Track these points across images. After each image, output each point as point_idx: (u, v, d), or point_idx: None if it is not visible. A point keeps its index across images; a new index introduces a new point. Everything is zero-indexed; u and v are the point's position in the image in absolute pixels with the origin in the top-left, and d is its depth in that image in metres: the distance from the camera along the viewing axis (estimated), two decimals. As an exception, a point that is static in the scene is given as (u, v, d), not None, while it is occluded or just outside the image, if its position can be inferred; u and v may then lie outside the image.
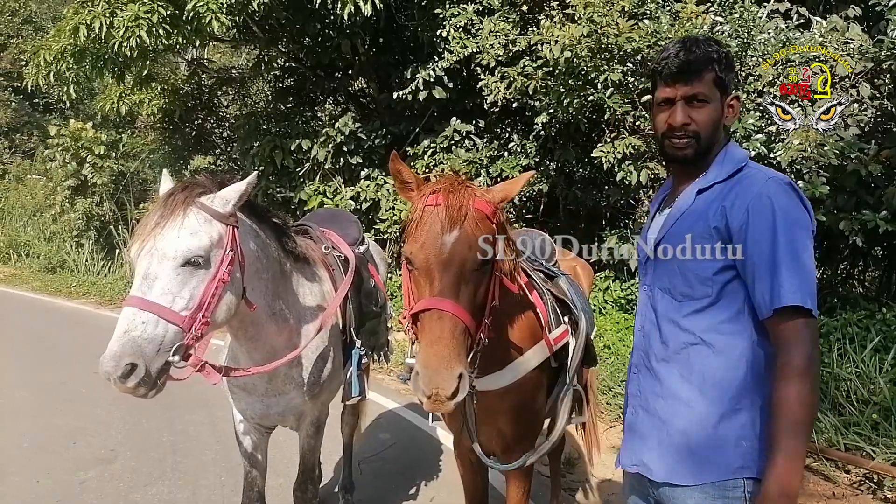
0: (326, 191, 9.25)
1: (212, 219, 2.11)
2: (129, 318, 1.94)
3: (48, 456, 4.67)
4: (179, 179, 2.21)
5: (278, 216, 2.57)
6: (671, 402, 1.64)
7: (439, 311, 1.70)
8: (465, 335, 1.72)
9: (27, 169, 17.56)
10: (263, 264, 2.36)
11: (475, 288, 1.81)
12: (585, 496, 4.15)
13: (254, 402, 2.63)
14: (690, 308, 1.62)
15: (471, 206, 1.83)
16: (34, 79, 9.24)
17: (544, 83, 7.01)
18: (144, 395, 1.96)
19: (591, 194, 8.26)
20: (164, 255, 2.00)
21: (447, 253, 1.76)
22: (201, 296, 2.04)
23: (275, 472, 4.08)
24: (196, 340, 2.04)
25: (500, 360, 2.26)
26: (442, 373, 1.62)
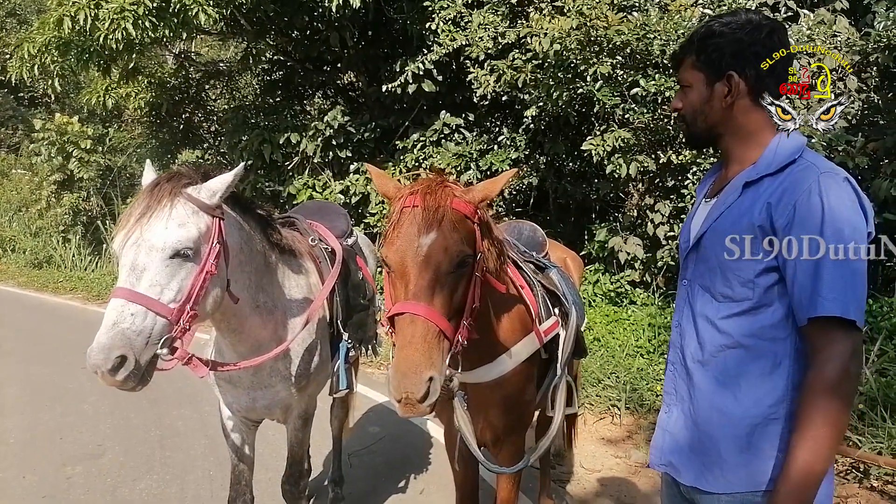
0: (316, 185, 9.21)
1: (199, 210, 2.09)
2: (117, 309, 1.91)
3: (35, 452, 4.64)
4: (164, 171, 2.18)
5: (263, 208, 2.54)
6: (705, 406, 1.56)
7: (412, 314, 1.68)
8: (439, 339, 1.70)
9: (12, 163, 17.35)
10: (247, 257, 2.34)
11: (452, 290, 1.77)
12: (574, 488, 4.17)
13: (240, 395, 2.61)
14: (730, 310, 1.52)
15: (448, 207, 1.78)
16: (18, 72, 9.11)
17: (534, 76, 7.01)
18: (132, 389, 1.94)
19: (581, 188, 8.28)
20: (151, 246, 1.97)
21: (423, 255, 1.72)
22: (189, 288, 2.02)
23: (264, 466, 4.07)
24: (183, 333, 2.02)
25: (490, 352, 2.26)
26: (411, 377, 1.60)
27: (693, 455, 1.58)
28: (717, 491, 1.52)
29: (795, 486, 1.34)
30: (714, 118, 1.60)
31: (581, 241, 7.92)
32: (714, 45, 1.58)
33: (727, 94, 1.57)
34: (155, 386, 2.07)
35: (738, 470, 1.49)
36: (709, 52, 1.58)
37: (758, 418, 1.48)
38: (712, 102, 1.59)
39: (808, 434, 1.34)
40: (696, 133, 1.64)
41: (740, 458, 1.49)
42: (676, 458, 1.62)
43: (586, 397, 5.55)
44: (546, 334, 2.42)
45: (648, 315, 6.62)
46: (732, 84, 1.56)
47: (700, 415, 1.56)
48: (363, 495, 3.95)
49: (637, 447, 4.72)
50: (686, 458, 1.59)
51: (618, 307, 7.16)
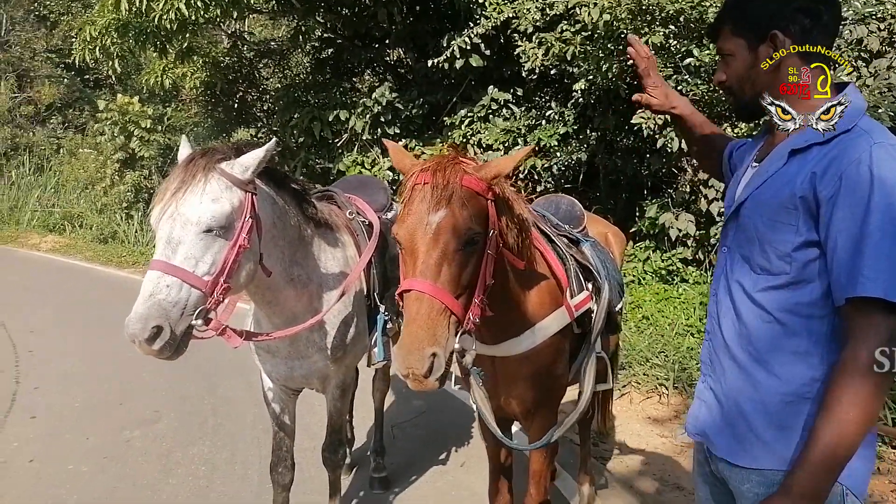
0: (364, 161, 9.27)
1: (232, 185, 2.14)
2: (153, 281, 1.99)
3: (97, 416, 4.89)
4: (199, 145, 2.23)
5: (297, 182, 2.58)
6: (739, 378, 1.50)
7: (418, 292, 1.69)
8: (445, 316, 1.70)
9: (79, 143, 18.08)
10: (280, 231, 2.39)
11: (461, 268, 1.76)
12: (616, 465, 4.13)
13: (277, 363, 2.68)
14: (766, 283, 1.43)
15: (458, 184, 1.77)
16: (81, 54, 9.48)
17: (583, 48, 6.83)
18: (168, 358, 2.02)
19: (632, 163, 8.08)
20: (186, 220, 2.04)
21: (431, 233, 1.72)
22: (223, 261, 2.07)
23: (309, 435, 4.21)
24: (217, 305, 2.08)
25: (517, 326, 2.25)
26: (414, 353, 1.62)
27: (725, 427, 1.53)
28: (747, 465, 1.47)
29: (814, 468, 1.28)
30: (762, 83, 1.50)
31: (632, 217, 7.76)
32: (752, 6, 1.50)
33: (772, 55, 1.47)
34: (208, 358, 2.17)
35: (769, 447, 1.44)
36: (747, 14, 1.50)
37: (790, 396, 1.42)
38: (758, 67, 1.49)
39: (834, 416, 1.27)
40: (745, 102, 1.55)
41: (771, 434, 1.44)
42: (710, 428, 1.58)
43: (633, 376, 5.48)
44: (577, 308, 2.39)
45: (700, 293, 6.45)
46: (777, 43, 1.46)
47: (733, 387, 1.51)
48: (404, 466, 4.02)
49: (684, 427, 4.63)
50: (718, 430, 1.55)
51: (668, 285, 7.01)
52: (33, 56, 21.56)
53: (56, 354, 6.31)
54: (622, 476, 3.98)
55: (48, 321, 7.61)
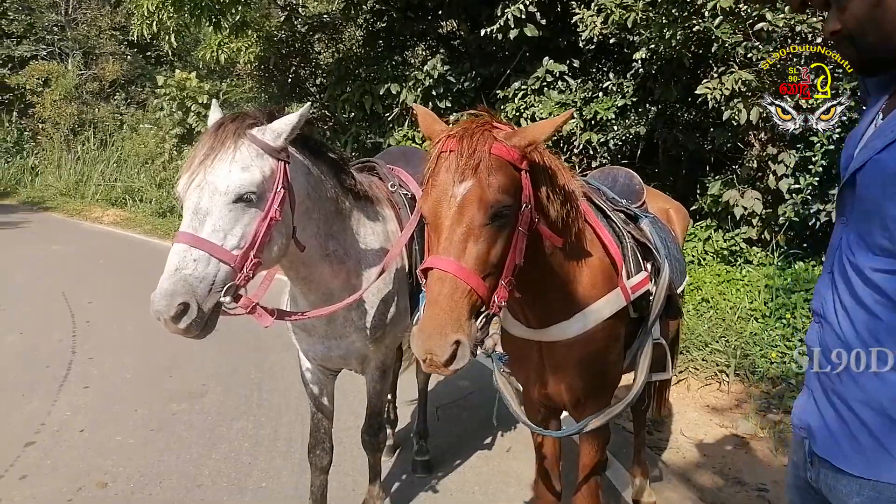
0: (416, 136, 9.12)
1: (263, 153, 2.00)
2: (180, 255, 1.88)
3: (147, 387, 4.94)
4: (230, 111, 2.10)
5: (335, 151, 2.42)
6: (854, 372, 1.24)
7: (441, 271, 1.54)
8: (470, 298, 1.54)
9: (140, 119, 18.55)
10: (315, 203, 2.24)
11: (488, 245, 1.59)
12: (672, 456, 3.91)
13: (314, 343, 2.56)
14: (887, 265, 1.18)
15: (486, 152, 1.60)
16: (139, 29, 9.61)
17: (644, 15, 6.47)
18: (195, 336, 1.92)
19: (695, 137, 7.66)
20: (215, 189, 1.91)
21: (455, 206, 1.57)
22: (253, 234, 1.95)
23: (353, 413, 4.13)
24: (247, 281, 1.96)
25: (565, 309, 2.07)
26: (435, 338, 1.48)
27: (833, 423, 1.27)
28: (857, 474, 1.20)
29: None
30: (892, 21, 1.17)
31: (692, 195, 7.37)
32: None
33: None
34: (256, 332, 2.08)
35: (890, 455, 1.17)
36: None
37: None
38: (885, 2, 1.16)
39: None
40: (868, 48, 1.22)
41: (886, 435, 1.17)
42: (816, 423, 1.31)
43: (690, 361, 5.21)
44: (634, 290, 2.18)
45: (766, 276, 6.07)
46: None
47: (848, 377, 1.24)
48: (448, 450, 3.90)
49: (746, 417, 4.36)
50: (824, 424, 1.29)
51: (731, 266, 6.63)
52: (99, 34, 22.20)
53: (111, 325, 6.44)
54: (678, 468, 3.76)
55: (106, 292, 7.80)
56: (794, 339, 5.24)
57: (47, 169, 18.81)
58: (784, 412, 4.47)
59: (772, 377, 4.99)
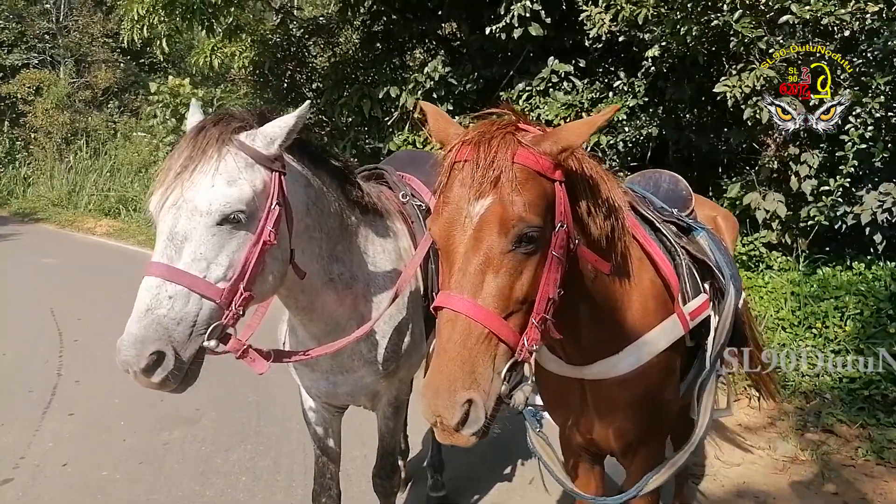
0: (416, 140, 8.79)
1: (254, 162, 1.68)
2: (151, 291, 1.55)
3: (137, 413, 4.60)
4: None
5: (339, 158, 2.09)
6: None
7: (451, 311, 1.27)
8: (489, 345, 1.27)
9: (133, 127, 18.21)
10: (316, 220, 1.91)
11: (512, 277, 1.31)
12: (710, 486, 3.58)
13: (318, 378, 2.23)
14: None
15: (508, 161, 1.32)
16: (129, 34, 9.33)
17: (657, 11, 6.17)
18: (173, 391, 1.59)
19: (708, 138, 7.36)
20: (194, 208, 1.58)
21: (471, 229, 1.30)
22: (242, 262, 1.62)
23: (362, 443, 3.81)
24: (236, 319, 1.64)
25: (614, 341, 1.77)
26: (443, 396, 1.22)
27: None
28: None
29: None
30: None
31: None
32: None
33: None
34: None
35: None
36: None
37: None
38: None
39: None
40: None
41: None
42: None
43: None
44: (693, 317, 1.86)
45: (790, 282, 5.75)
46: None
47: None
48: (466, 483, 3.58)
49: (783, 437, 4.05)
50: None
51: (752, 272, 6.32)
52: (91, 41, 21.87)
53: (100, 343, 6.07)
54: (718, 499, 3.43)
55: (96, 308, 7.45)
56: (827, 351, 4.93)
57: (39, 179, 18.46)
58: (823, 431, 4.15)
59: (805, 391, 4.68)
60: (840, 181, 5.37)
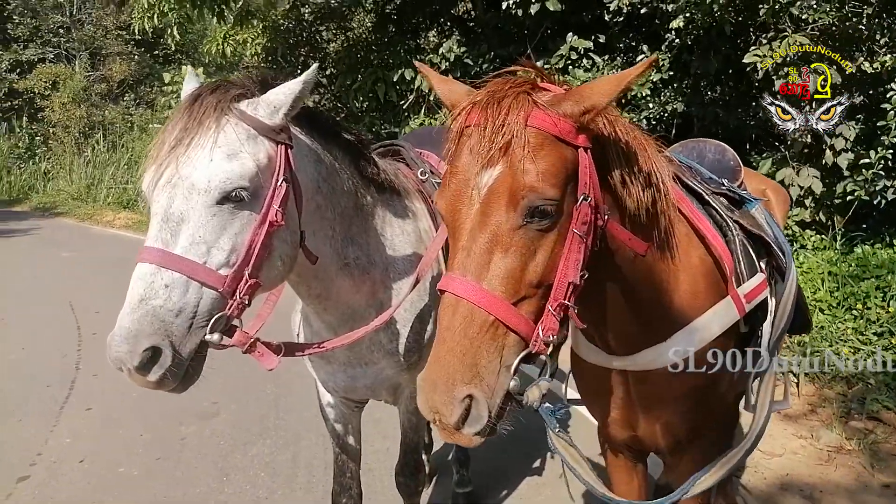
0: (433, 124, 8.61)
1: (256, 134, 1.51)
2: (146, 280, 1.40)
3: (154, 407, 4.50)
4: (213, 81, 1.60)
5: (351, 132, 1.91)
6: None
7: (453, 296, 1.14)
8: (496, 334, 1.13)
9: (149, 119, 18.18)
10: (328, 199, 1.73)
11: (524, 256, 1.15)
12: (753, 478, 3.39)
13: (335, 371, 2.07)
14: None
15: (521, 124, 1.16)
16: (140, 23, 9.22)
17: (682, -20, 5.91)
18: (173, 390, 1.44)
19: (736, 113, 7.08)
20: (191, 186, 1.42)
21: (479, 203, 1.16)
22: (247, 246, 1.46)
23: (383, 435, 3.67)
24: (241, 309, 1.48)
25: (661, 327, 1.59)
26: (440, 391, 1.10)
27: None
28: None
29: None
30: None
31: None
32: None
33: None
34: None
35: None
36: None
37: None
38: None
39: None
40: None
41: None
42: None
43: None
44: (749, 299, 1.67)
45: (827, 261, 5.50)
46: None
47: None
48: (493, 477, 3.42)
49: (827, 426, 3.84)
50: None
51: (784, 254, 6.06)
52: (105, 34, 21.87)
53: (118, 336, 6.03)
54: (762, 492, 3.24)
55: (115, 301, 7.29)
56: (869, 333, 4.69)
57: (59, 174, 18.55)
58: (869, 418, 3.93)
59: (846, 376, 4.45)
60: (882, 153, 5.10)
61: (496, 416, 1.12)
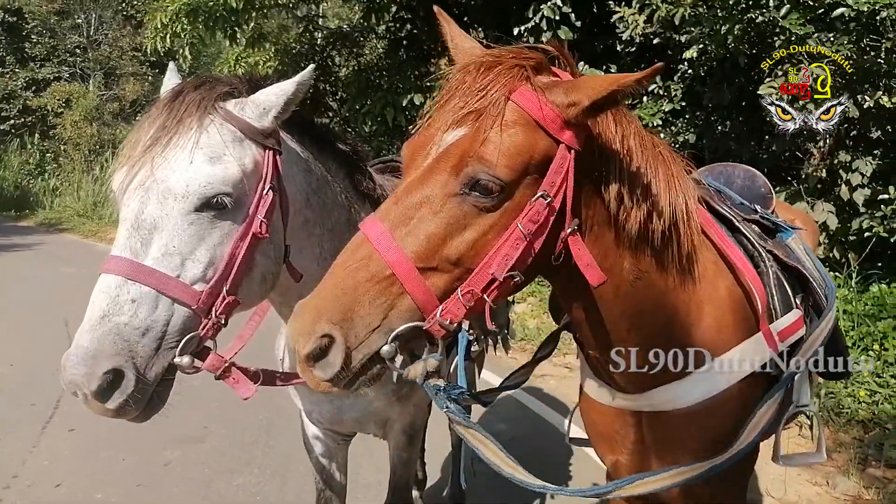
0: (439, 148, 8.56)
1: (243, 137, 1.39)
2: (110, 293, 1.26)
3: (139, 430, 4.28)
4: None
5: (347, 142, 1.78)
6: None
7: (362, 235, 1.10)
8: (388, 289, 1.07)
9: (159, 139, 18.28)
10: (317, 213, 1.60)
11: (450, 228, 1.09)
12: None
13: (319, 402, 1.92)
14: None
15: (502, 96, 1.10)
16: (153, 43, 9.25)
17: (694, 11, 5.84)
18: (134, 419, 1.29)
19: (749, 146, 6.96)
20: (167, 190, 1.29)
21: (432, 158, 1.12)
22: (227, 259, 1.33)
23: (375, 467, 3.51)
24: (216, 330, 1.34)
25: (678, 362, 1.42)
26: (302, 319, 1.05)
27: None
28: None
29: None
30: None
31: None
32: None
33: None
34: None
35: None
36: None
37: None
38: None
39: None
40: None
41: None
42: None
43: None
44: (782, 338, 1.51)
45: (842, 300, 5.31)
46: None
47: None
48: (489, 516, 3.22)
49: (843, 472, 3.63)
50: None
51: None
52: (120, 55, 22.13)
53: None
54: (776, 544, 3.04)
55: (110, 318, 7.26)
56: (887, 375, 4.49)
57: (67, 190, 18.59)
58: (888, 466, 3.72)
59: (862, 420, 4.25)
60: (902, 189, 4.97)
61: (356, 370, 1.07)
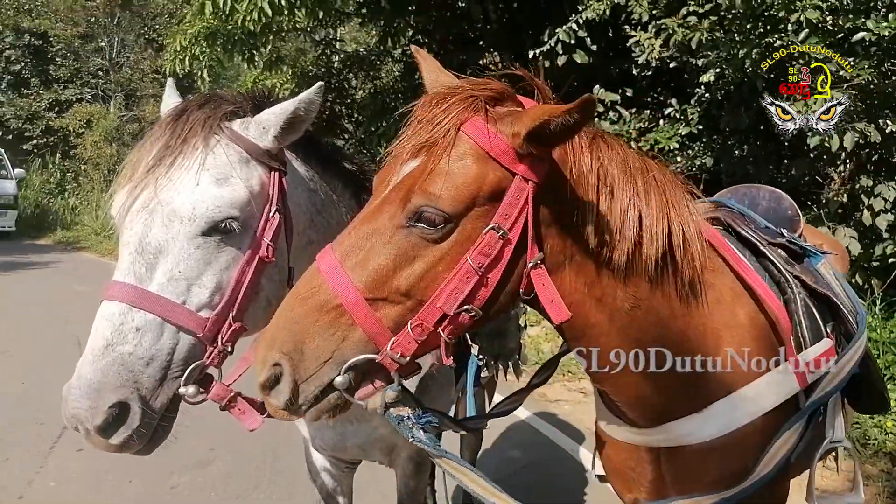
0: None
1: (249, 158, 1.35)
2: (113, 321, 1.22)
3: (147, 452, 4.28)
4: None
5: (352, 161, 1.75)
6: None
7: (315, 266, 1.12)
8: (336, 320, 1.07)
9: (177, 160, 18.51)
10: (321, 234, 1.55)
11: (399, 260, 1.09)
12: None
13: (322, 428, 1.86)
14: None
15: (453, 128, 1.11)
16: (171, 65, 9.37)
17: (711, 35, 5.82)
18: (138, 453, 1.24)
19: (767, 170, 6.88)
20: (172, 213, 1.25)
21: (388, 190, 1.15)
22: (234, 284, 1.28)
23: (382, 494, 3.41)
24: (222, 358, 1.29)
25: (697, 394, 1.36)
26: (260, 343, 1.10)
27: None
28: None
29: None
30: None
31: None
32: None
33: None
34: None
35: None
36: None
37: None
38: None
39: None
40: None
41: None
42: None
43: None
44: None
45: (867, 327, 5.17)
46: None
47: None
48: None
49: (872, 508, 3.48)
50: None
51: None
52: (141, 77, 22.51)
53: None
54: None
55: (123, 337, 7.26)
56: (914, 406, 4.34)
57: (85, 209, 18.81)
58: (918, 502, 3.58)
59: (890, 452, 4.10)
60: (926, 215, 4.85)
61: (309, 399, 1.09)
